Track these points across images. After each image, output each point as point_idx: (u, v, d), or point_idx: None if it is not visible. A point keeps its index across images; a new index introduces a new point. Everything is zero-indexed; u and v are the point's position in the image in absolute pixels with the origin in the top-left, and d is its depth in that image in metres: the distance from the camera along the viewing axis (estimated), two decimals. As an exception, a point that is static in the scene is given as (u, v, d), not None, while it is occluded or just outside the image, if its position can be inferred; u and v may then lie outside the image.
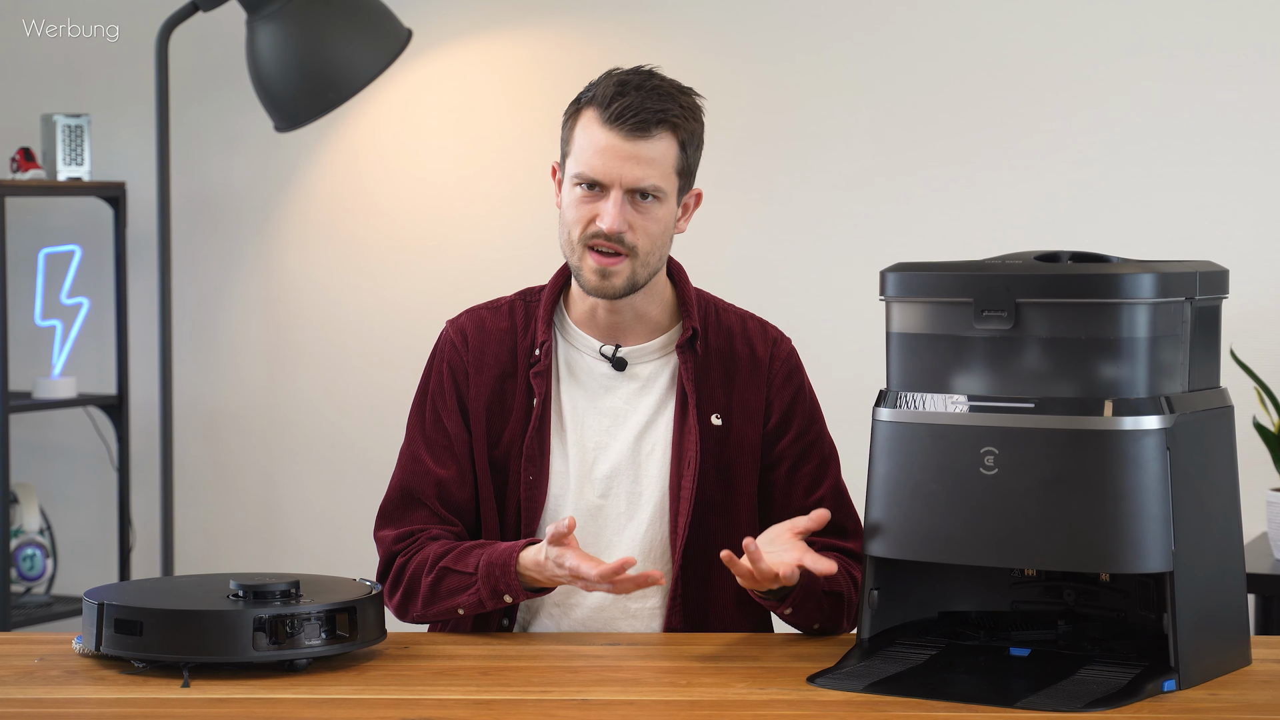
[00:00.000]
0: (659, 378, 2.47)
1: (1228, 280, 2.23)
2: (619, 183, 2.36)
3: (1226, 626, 2.20)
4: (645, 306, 2.46)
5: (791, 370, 2.50)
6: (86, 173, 4.31)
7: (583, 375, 2.47)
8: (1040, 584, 2.26)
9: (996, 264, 2.18)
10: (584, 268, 2.40)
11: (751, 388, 2.47)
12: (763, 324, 2.52)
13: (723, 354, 2.47)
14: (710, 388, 2.45)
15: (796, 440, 2.47)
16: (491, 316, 2.50)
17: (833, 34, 4.01)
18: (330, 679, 2.18)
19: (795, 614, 2.36)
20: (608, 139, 2.36)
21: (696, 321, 2.45)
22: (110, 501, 4.51)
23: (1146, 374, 2.10)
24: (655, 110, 2.36)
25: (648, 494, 2.45)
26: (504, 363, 2.47)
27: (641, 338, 2.47)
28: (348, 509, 4.38)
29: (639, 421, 2.46)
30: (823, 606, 2.37)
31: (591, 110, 2.38)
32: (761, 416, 2.47)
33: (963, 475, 2.14)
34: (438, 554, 2.38)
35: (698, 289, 2.52)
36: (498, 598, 2.33)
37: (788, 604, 2.34)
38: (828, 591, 2.37)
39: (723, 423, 2.45)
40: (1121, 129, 3.82)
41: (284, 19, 3.90)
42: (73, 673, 2.21)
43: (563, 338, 2.49)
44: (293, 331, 4.44)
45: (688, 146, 2.41)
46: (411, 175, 4.33)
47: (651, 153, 2.36)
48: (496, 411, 2.46)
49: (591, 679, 2.20)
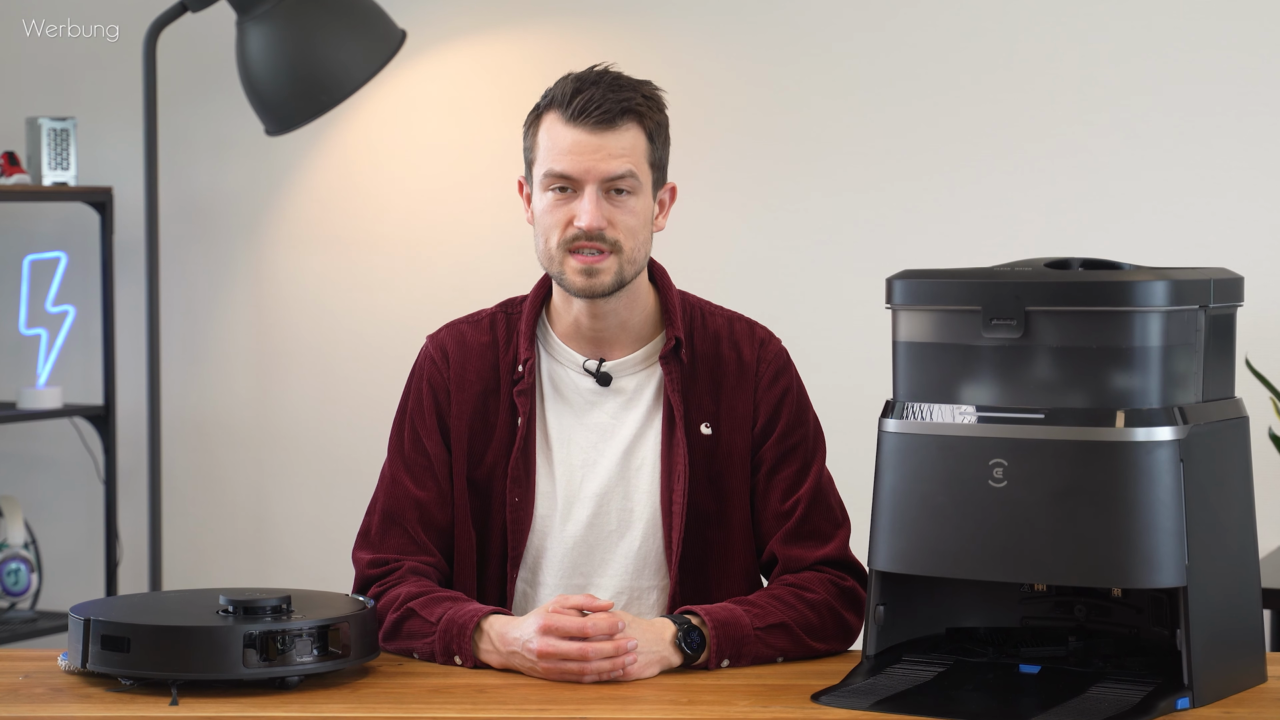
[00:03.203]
0: (645, 390, 2.44)
1: (1242, 288, 2.22)
2: (592, 177, 2.34)
3: (1241, 643, 2.19)
4: (629, 314, 2.43)
5: (779, 370, 2.46)
6: (72, 177, 4.31)
7: (567, 391, 2.45)
8: (1050, 599, 2.25)
9: (1005, 271, 2.17)
10: (567, 271, 2.37)
11: (740, 393, 2.44)
12: (751, 325, 2.49)
13: (709, 360, 2.45)
14: (698, 395, 2.43)
15: (779, 443, 2.44)
16: (472, 331, 2.47)
17: (836, 33, 3.99)
18: (322, 696, 2.16)
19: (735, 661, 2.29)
20: (574, 135, 2.35)
21: (680, 330, 2.43)
22: (97, 514, 4.50)
23: (1159, 384, 2.08)
24: (618, 101, 2.35)
25: (639, 510, 2.42)
26: (486, 380, 2.45)
27: (625, 349, 2.45)
28: (340, 522, 4.34)
29: (626, 437, 2.43)
30: (768, 644, 2.30)
31: (553, 112, 2.37)
32: (750, 421, 2.45)
33: (971, 487, 2.12)
34: (409, 594, 2.36)
35: (683, 292, 2.50)
36: (449, 657, 2.30)
37: (711, 655, 2.27)
38: (763, 628, 2.31)
39: (712, 431, 2.43)
40: (1134, 132, 3.80)
41: (275, 20, 3.90)
42: (58, 690, 2.19)
43: (546, 353, 2.46)
44: (284, 340, 4.43)
45: (655, 138, 2.39)
46: (405, 180, 4.32)
47: (620, 144, 2.35)
48: (479, 430, 2.44)
49: (590, 697, 2.18)
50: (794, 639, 2.33)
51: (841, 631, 2.37)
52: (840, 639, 2.38)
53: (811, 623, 2.34)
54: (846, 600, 2.38)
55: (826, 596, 2.36)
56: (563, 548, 2.42)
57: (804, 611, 2.34)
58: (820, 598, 2.36)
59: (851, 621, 2.38)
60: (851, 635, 2.39)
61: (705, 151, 4.05)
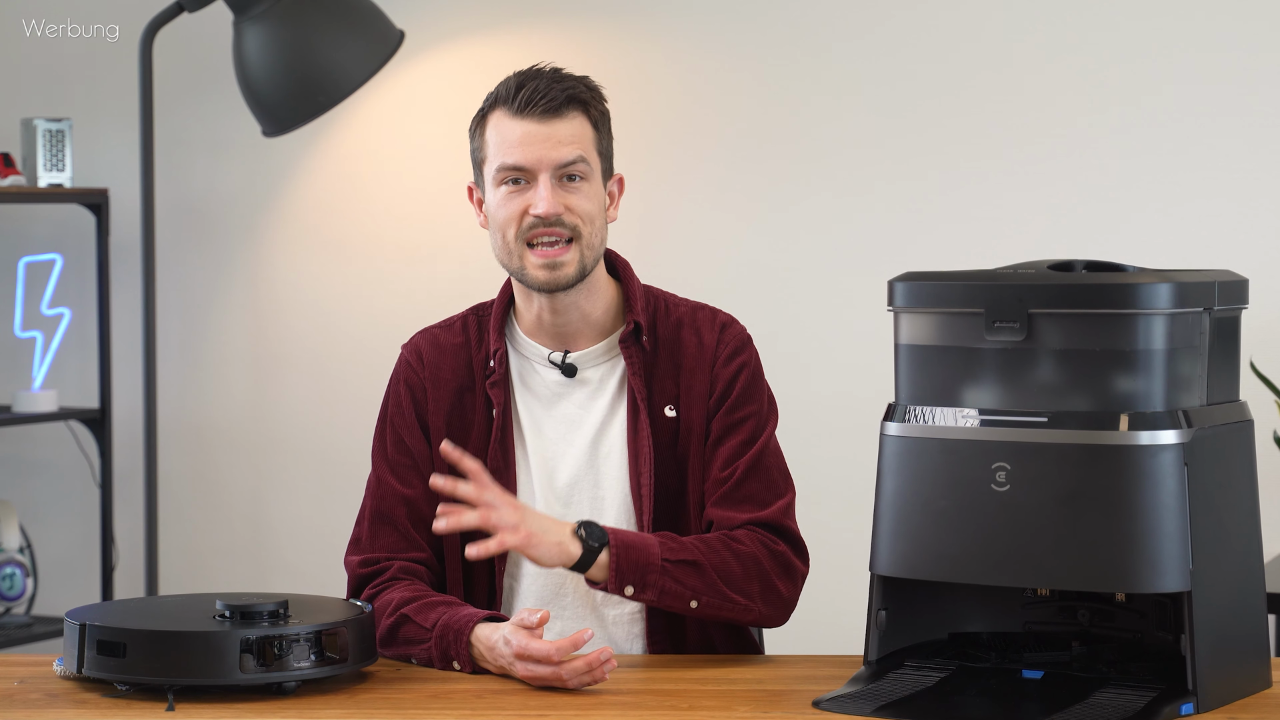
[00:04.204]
0: (609, 380, 2.48)
1: (1247, 290, 2.21)
2: (545, 165, 2.39)
3: (1246, 648, 2.18)
4: (590, 307, 2.46)
5: (737, 349, 2.48)
6: (68, 179, 4.30)
7: (535, 384, 2.49)
8: (1054, 604, 2.24)
9: (1008, 273, 2.17)
10: (528, 266, 2.41)
11: (698, 373, 2.47)
12: (714, 312, 2.52)
13: (670, 344, 2.47)
14: (660, 379, 2.46)
15: (726, 415, 2.45)
16: (445, 334, 2.53)
17: (837, 33, 3.98)
18: (320, 702, 2.15)
19: (640, 590, 2.31)
20: (523, 127, 2.40)
21: (640, 315, 2.46)
22: (92, 519, 4.48)
23: (1163, 387, 2.08)
24: (563, 90, 2.41)
25: (610, 498, 2.45)
26: (461, 377, 2.49)
27: (589, 341, 2.48)
28: (338, 526, 4.30)
29: (593, 426, 2.46)
30: (676, 578, 2.31)
31: (498, 110, 2.43)
32: (707, 397, 2.46)
33: (973, 491, 2.11)
34: (403, 599, 2.36)
35: (647, 285, 2.53)
36: (447, 662, 2.31)
37: (611, 576, 2.29)
38: (673, 561, 2.32)
39: (676, 413, 2.45)
40: (1138, 133, 3.79)
41: (272, 20, 3.89)
42: (54, 696, 2.19)
43: (513, 348, 2.50)
44: (281, 343, 4.42)
45: (600, 126, 2.45)
46: (404, 181, 4.31)
47: (569, 131, 2.40)
48: (458, 426, 2.47)
49: (590, 702, 2.17)
50: (708, 582, 2.33)
51: (769, 594, 2.36)
52: (768, 602, 2.36)
53: (733, 571, 2.35)
54: (778, 564, 2.38)
55: (755, 551, 2.37)
56: None
57: (726, 557, 2.35)
58: (749, 550, 2.36)
59: (782, 588, 2.37)
60: (782, 603, 2.38)
61: (706, 152, 4.04)
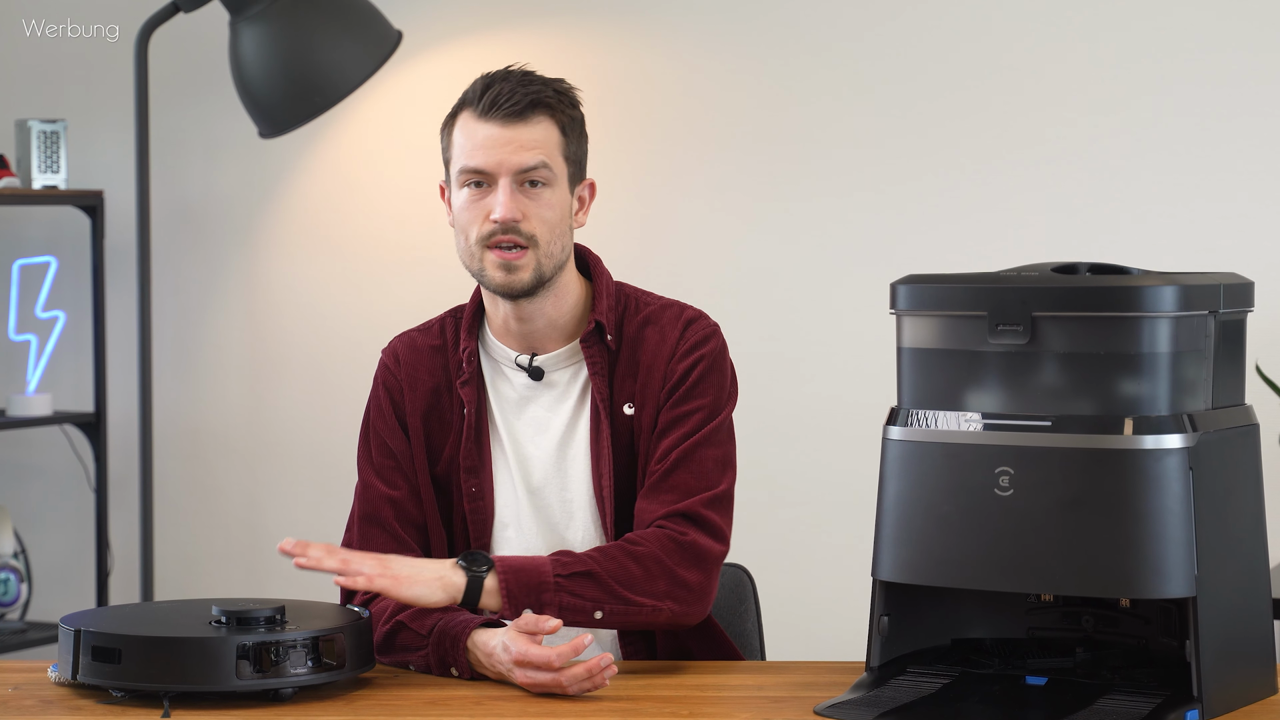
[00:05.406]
0: (575, 383, 2.47)
1: (1253, 293, 2.20)
2: (505, 169, 2.38)
3: (1251, 654, 2.17)
4: (556, 313, 2.45)
5: (697, 343, 2.44)
6: (63, 181, 4.30)
7: (504, 387, 2.49)
8: (1057, 610, 2.23)
9: (1012, 276, 2.16)
10: (487, 266, 2.41)
11: (655, 369, 2.45)
12: (683, 308, 2.48)
13: (633, 342, 2.46)
14: (621, 378, 2.45)
15: (671, 409, 2.42)
16: (422, 336, 2.55)
17: (838, 33, 3.97)
18: (317, 709, 2.15)
19: (539, 611, 2.29)
20: (486, 130, 2.39)
21: (603, 314, 2.45)
22: (87, 523, 4.47)
23: (1168, 391, 2.07)
24: (527, 94, 2.40)
25: (578, 499, 2.45)
26: (437, 377, 2.50)
27: (556, 344, 2.47)
28: (335, 530, 4.27)
29: (559, 428, 2.46)
30: (573, 592, 2.29)
31: (465, 111, 2.44)
32: (659, 393, 2.44)
33: (976, 496, 2.10)
34: (397, 605, 2.35)
35: (620, 283, 2.51)
36: (444, 669, 2.30)
37: (504, 601, 2.28)
38: (566, 575, 2.30)
39: (634, 411, 2.44)
40: (1142, 134, 3.78)
41: (269, 20, 3.88)
42: (48, 702, 2.18)
43: (484, 351, 2.51)
44: (278, 346, 4.42)
45: (569, 131, 2.42)
46: (400, 183, 4.31)
47: (532, 135, 2.39)
48: (435, 426, 2.48)
49: (590, 709, 2.16)
50: (605, 589, 2.30)
51: (675, 588, 2.33)
52: (677, 599, 2.33)
53: (632, 574, 2.32)
54: (685, 555, 2.34)
55: (655, 550, 2.33)
56: (523, 543, 2.44)
57: (623, 562, 2.32)
58: (647, 550, 2.33)
59: (689, 578, 2.34)
60: (693, 596, 2.34)
61: (706, 152, 4.04)
